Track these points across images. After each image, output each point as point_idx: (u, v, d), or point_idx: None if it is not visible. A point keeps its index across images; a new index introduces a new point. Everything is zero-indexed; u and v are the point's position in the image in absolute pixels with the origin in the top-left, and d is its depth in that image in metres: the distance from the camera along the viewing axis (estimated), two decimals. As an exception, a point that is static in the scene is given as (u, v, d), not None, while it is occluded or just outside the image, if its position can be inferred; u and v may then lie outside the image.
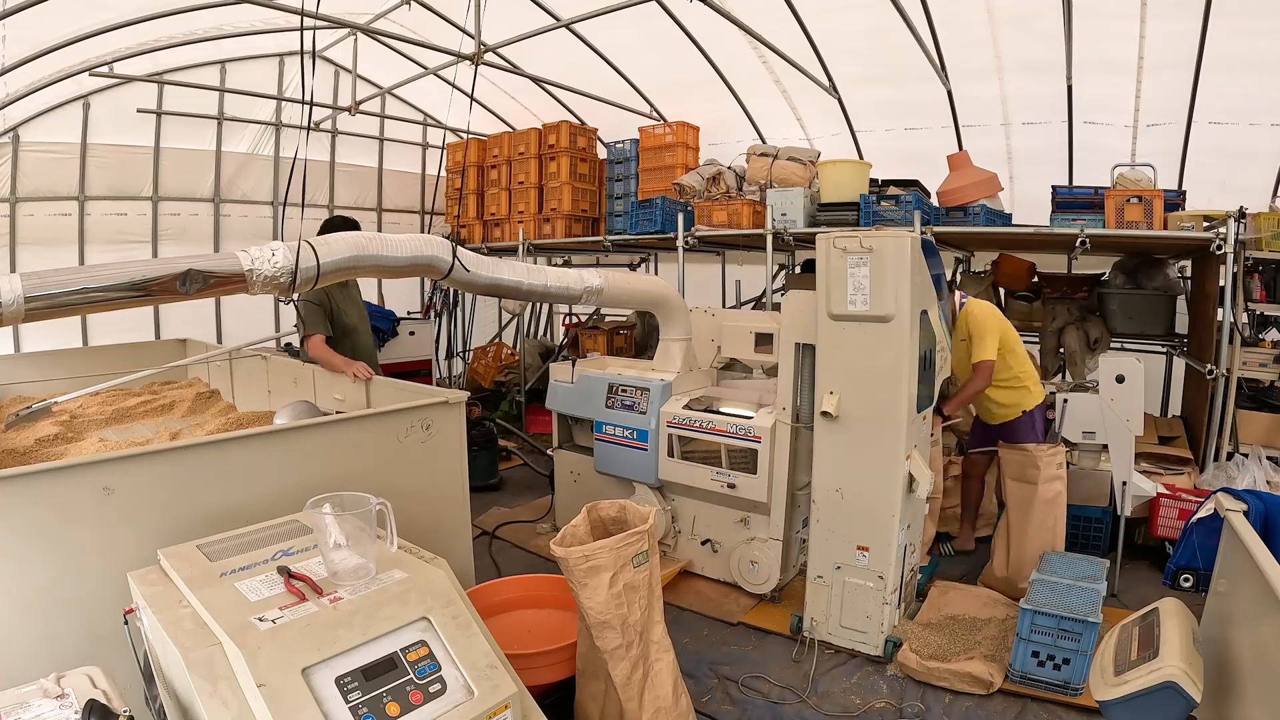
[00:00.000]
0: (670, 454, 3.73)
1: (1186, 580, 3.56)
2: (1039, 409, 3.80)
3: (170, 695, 1.56)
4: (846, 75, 5.68)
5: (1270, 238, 3.84)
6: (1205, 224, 4.00)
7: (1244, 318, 4.07)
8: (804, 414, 3.36)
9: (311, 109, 6.67)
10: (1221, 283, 3.95)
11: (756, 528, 3.55)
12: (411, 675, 1.51)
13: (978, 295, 5.48)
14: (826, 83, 5.60)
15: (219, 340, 6.42)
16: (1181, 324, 4.99)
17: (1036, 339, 5.31)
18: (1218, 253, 3.88)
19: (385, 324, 7.22)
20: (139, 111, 6.10)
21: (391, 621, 1.57)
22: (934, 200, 4.86)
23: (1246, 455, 4.06)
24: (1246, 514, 2.01)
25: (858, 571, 3.07)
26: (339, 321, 3.90)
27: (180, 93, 6.21)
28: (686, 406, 3.73)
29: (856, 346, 2.98)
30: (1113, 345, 5.02)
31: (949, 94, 5.49)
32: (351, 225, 3.71)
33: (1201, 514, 3.52)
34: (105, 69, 5.44)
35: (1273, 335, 4.53)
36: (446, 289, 8.23)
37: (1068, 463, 3.99)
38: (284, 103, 6.86)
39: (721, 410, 3.66)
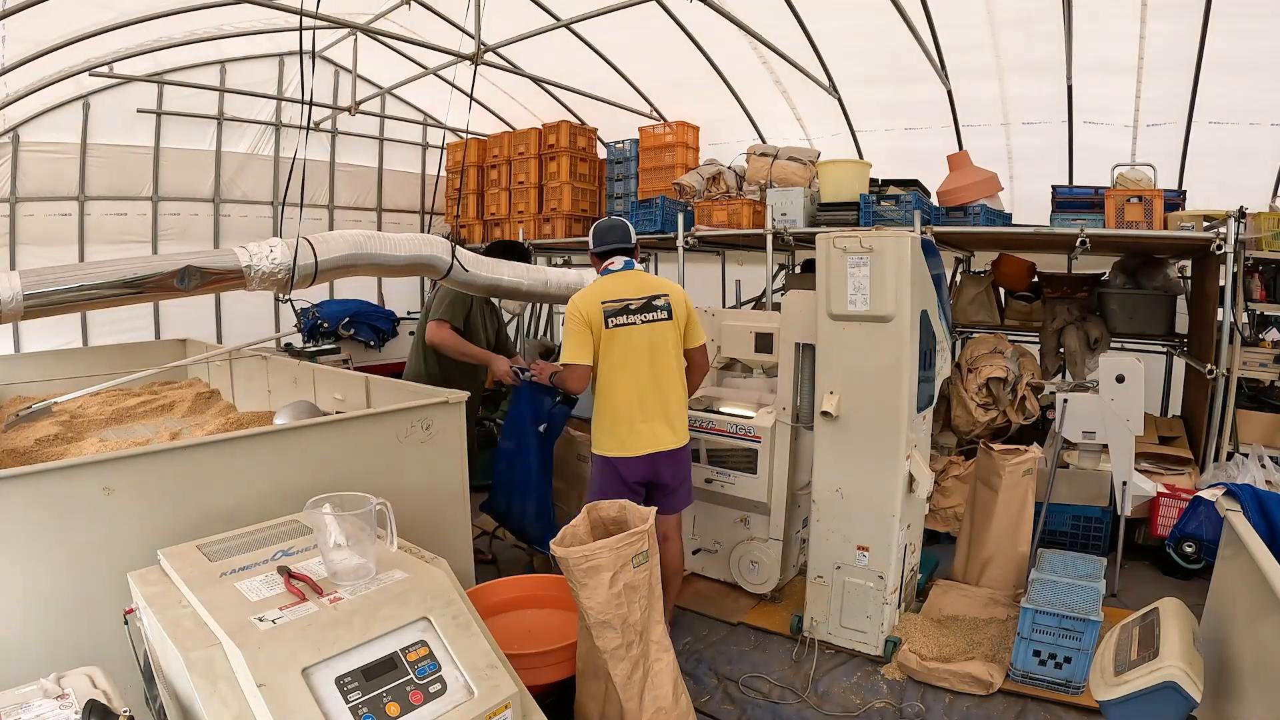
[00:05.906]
0: (670, 454, 3.71)
1: (1189, 547, 3.56)
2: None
3: (170, 695, 1.55)
4: (846, 75, 5.68)
5: (1270, 238, 3.84)
6: (1205, 224, 4.00)
7: (1244, 318, 4.06)
8: (804, 414, 3.35)
9: (311, 109, 6.66)
10: (1221, 283, 3.95)
11: (756, 528, 3.55)
12: (411, 675, 1.51)
13: (977, 295, 5.51)
14: (826, 83, 5.60)
15: (219, 340, 6.42)
16: (1181, 324, 4.98)
17: (1036, 339, 5.31)
18: (1218, 253, 3.87)
19: (385, 324, 7.21)
20: (139, 111, 6.10)
21: (391, 621, 1.57)
22: (934, 200, 4.85)
23: (1246, 455, 4.05)
24: (1244, 511, 2.01)
25: (858, 571, 3.06)
26: (474, 332, 3.98)
27: (180, 93, 6.21)
28: (686, 406, 3.72)
29: (856, 346, 2.98)
30: (1113, 345, 5.02)
31: (949, 94, 5.49)
32: (519, 251, 3.82)
33: (1208, 495, 3.52)
34: (105, 69, 5.43)
35: (1273, 335, 4.52)
36: (446, 289, 8.21)
37: (1066, 463, 3.99)
38: (284, 103, 6.86)
39: (721, 410, 3.66)
